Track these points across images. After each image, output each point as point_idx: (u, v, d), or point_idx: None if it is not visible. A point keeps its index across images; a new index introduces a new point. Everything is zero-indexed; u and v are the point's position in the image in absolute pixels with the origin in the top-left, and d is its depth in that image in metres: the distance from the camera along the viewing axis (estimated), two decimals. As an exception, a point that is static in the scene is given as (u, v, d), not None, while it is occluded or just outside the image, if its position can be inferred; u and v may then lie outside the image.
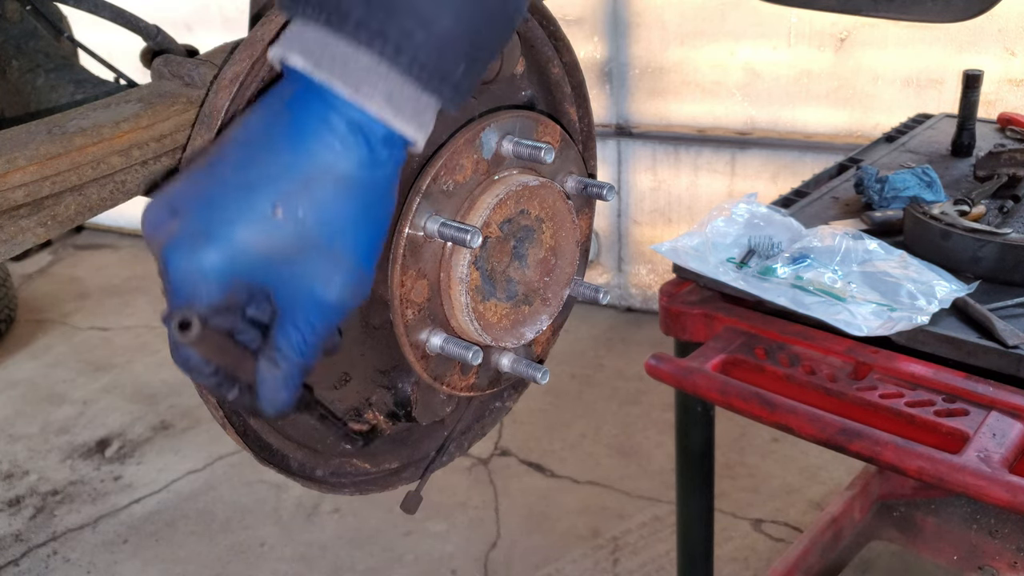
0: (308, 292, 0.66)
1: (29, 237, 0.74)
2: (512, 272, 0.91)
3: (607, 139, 4.16)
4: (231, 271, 0.63)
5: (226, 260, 0.63)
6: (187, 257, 0.63)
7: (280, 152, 0.63)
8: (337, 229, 0.64)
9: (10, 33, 1.06)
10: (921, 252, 1.73)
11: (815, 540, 2.17)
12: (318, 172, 0.63)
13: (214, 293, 0.64)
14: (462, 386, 0.94)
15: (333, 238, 0.64)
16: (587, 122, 1.04)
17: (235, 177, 0.63)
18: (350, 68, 0.62)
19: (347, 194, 0.64)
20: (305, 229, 0.63)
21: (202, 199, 0.64)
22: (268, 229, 0.63)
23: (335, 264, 0.65)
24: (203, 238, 0.63)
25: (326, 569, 3.03)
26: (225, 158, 0.65)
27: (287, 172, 0.63)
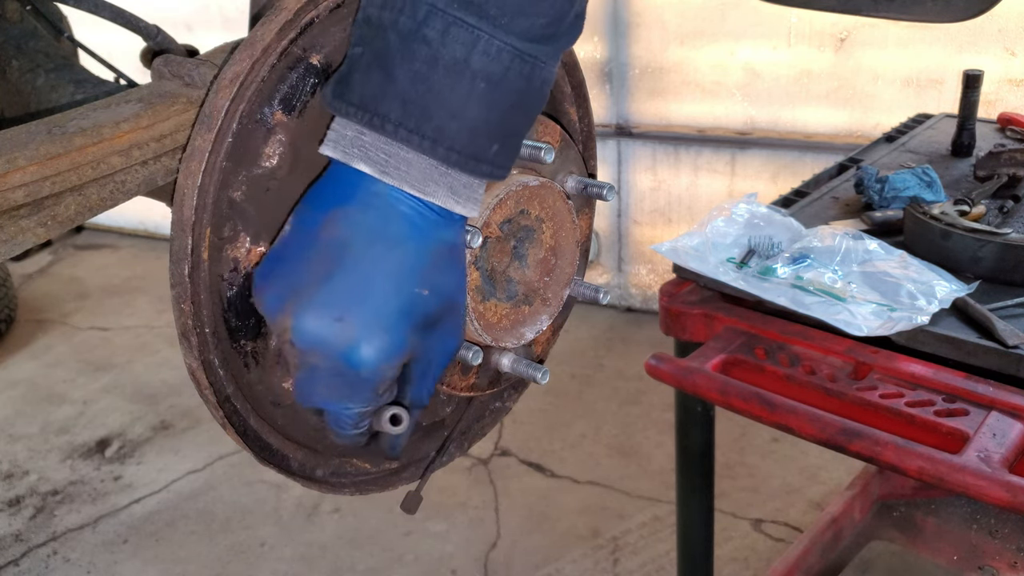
0: (445, 348, 0.81)
1: (29, 237, 0.74)
2: (512, 272, 0.91)
3: (607, 139, 4.16)
4: (403, 348, 0.75)
5: (400, 342, 0.75)
6: (377, 350, 0.74)
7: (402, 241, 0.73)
8: (457, 288, 0.79)
9: (10, 33, 1.06)
10: (921, 252, 1.73)
11: (815, 540, 2.17)
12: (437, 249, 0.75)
13: (394, 371, 0.77)
14: (462, 386, 0.94)
15: (456, 297, 0.79)
16: (587, 122, 1.04)
17: (379, 272, 0.73)
18: (412, 171, 0.71)
19: (455, 260, 0.77)
20: (443, 295, 0.76)
21: (365, 298, 0.73)
22: (425, 304, 0.75)
23: (455, 319, 0.80)
24: (381, 332, 0.74)
25: (326, 569, 3.03)
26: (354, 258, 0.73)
27: (418, 257, 0.74)
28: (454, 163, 0.71)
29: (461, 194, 0.74)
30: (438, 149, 0.70)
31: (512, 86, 0.71)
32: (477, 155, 0.72)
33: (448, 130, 0.70)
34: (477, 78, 0.69)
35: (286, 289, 0.75)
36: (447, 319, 0.78)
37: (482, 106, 0.70)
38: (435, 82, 0.69)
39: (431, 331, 0.77)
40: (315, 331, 0.73)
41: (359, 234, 0.73)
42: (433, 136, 0.70)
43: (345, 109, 0.71)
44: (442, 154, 0.71)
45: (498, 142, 0.73)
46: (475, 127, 0.71)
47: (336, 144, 0.73)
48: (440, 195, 0.73)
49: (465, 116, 0.70)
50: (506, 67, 0.70)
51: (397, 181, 0.71)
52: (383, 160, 0.71)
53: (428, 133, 0.70)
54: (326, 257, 0.74)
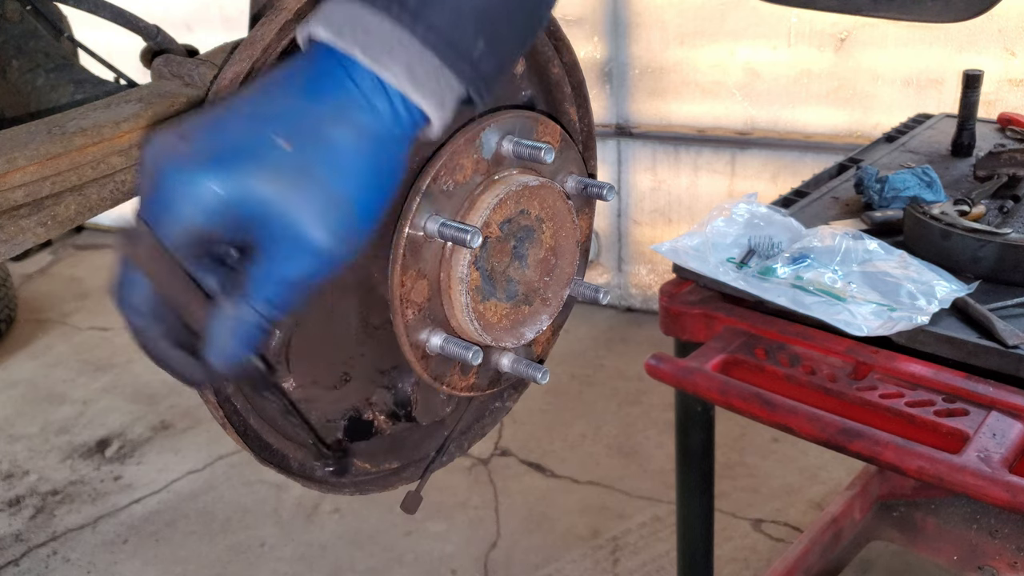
0: (297, 228, 0.62)
1: (29, 237, 0.74)
2: (512, 272, 0.91)
3: (607, 139, 4.16)
4: (225, 196, 0.61)
5: (224, 183, 0.61)
6: (186, 174, 0.61)
7: (297, 95, 0.63)
8: (342, 172, 0.63)
9: (10, 33, 1.06)
10: (921, 252, 1.73)
11: (815, 540, 2.17)
12: (333, 115, 0.63)
13: (198, 216, 0.62)
14: (462, 386, 0.94)
15: (336, 179, 0.63)
16: (587, 122, 1.04)
17: (250, 110, 0.63)
18: (372, 38, 0.62)
19: (359, 142, 0.63)
20: (309, 166, 0.62)
21: (213, 126, 0.63)
22: (272, 160, 0.62)
23: (332, 204, 0.63)
24: (207, 158, 0.61)
25: (326, 569, 3.03)
26: (242, 97, 0.65)
27: (302, 111, 0.63)
28: (432, 44, 0.63)
29: (422, 81, 0.63)
30: (417, 25, 0.62)
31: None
32: (458, 45, 0.63)
33: (432, 7, 0.62)
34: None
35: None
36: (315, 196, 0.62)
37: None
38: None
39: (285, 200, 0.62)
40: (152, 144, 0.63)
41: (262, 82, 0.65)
42: (414, 8, 0.62)
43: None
44: (420, 32, 0.62)
45: (485, 40, 0.64)
46: (462, 11, 0.63)
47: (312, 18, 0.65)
48: (396, 72, 0.63)
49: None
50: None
51: (348, 46, 0.62)
52: (339, 23, 0.63)
53: (409, 4, 0.62)
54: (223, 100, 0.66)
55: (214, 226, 0.62)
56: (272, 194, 0.62)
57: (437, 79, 0.64)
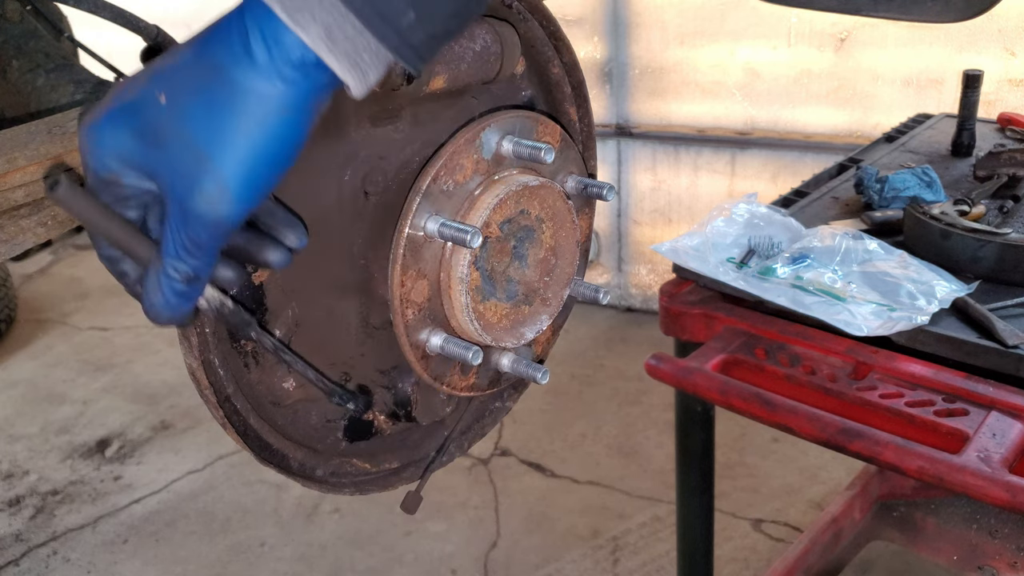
0: (173, 187, 0.65)
1: (29, 237, 0.74)
2: (512, 272, 0.91)
3: (607, 139, 4.16)
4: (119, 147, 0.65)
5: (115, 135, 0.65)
6: (87, 125, 0.66)
7: (186, 51, 0.64)
8: (213, 132, 0.63)
9: (10, 33, 1.06)
10: (921, 252, 1.73)
11: (815, 540, 2.17)
12: (210, 72, 0.62)
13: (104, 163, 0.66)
14: (462, 386, 0.94)
15: (207, 140, 0.63)
16: (587, 122, 1.04)
17: (158, 67, 0.65)
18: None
19: (232, 102, 0.62)
20: (184, 123, 0.63)
21: (125, 85, 0.66)
22: (153, 115, 0.64)
23: (202, 167, 0.63)
24: (103, 112, 0.65)
25: (326, 569, 3.03)
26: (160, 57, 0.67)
27: (183, 66, 0.64)
28: (355, 8, 0.60)
29: (339, 44, 0.61)
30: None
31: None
32: (385, 12, 0.61)
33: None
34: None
35: None
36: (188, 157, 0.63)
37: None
38: None
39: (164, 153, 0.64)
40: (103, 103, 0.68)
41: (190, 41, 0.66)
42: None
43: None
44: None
45: (415, 10, 0.62)
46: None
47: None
48: (311, 31, 0.60)
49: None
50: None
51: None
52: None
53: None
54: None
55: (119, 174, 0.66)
56: (156, 152, 0.64)
57: (356, 44, 0.61)
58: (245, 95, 0.62)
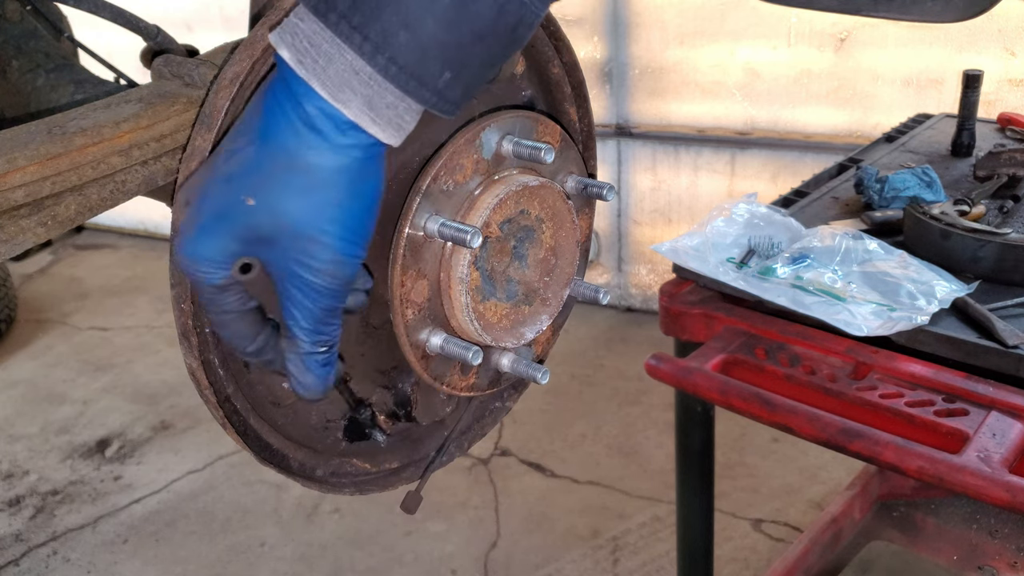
0: (291, 272, 0.69)
1: (29, 237, 0.74)
2: (512, 272, 0.91)
3: (607, 139, 4.16)
4: (220, 252, 0.69)
5: (212, 245, 0.68)
6: (186, 248, 0.69)
7: (253, 143, 0.67)
8: (307, 215, 0.67)
9: (10, 33, 1.06)
10: (921, 252, 1.73)
11: (815, 540, 2.17)
12: (285, 161, 0.66)
13: (210, 272, 0.69)
14: (462, 386, 0.94)
15: (304, 224, 0.67)
16: (587, 122, 1.04)
17: (223, 169, 0.68)
18: (332, 69, 0.63)
19: (312, 182, 0.66)
20: (277, 215, 0.67)
21: (199, 190, 0.69)
22: (244, 216, 0.67)
23: (310, 249, 0.68)
24: (196, 228, 0.69)
25: (326, 569, 3.03)
26: (220, 150, 0.70)
27: (258, 163, 0.67)
28: (393, 77, 0.63)
29: (381, 113, 0.64)
30: (378, 57, 0.62)
31: (481, 12, 0.62)
32: (422, 77, 0.63)
33: (394, 39, 0.62)
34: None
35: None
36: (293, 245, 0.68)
37: (441, 24, 0.62)
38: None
39: (271, 247, 0.69)
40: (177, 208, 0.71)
41: (237, 126, 0.69)
42: (376, 41, 0.62)
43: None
44: (382, 64, 0.62)
45: (452, 71, 0.64)
46: (427, 45, 0.62)
47: (280, 29, 0.66)
48: (353, 105, 0.64)
49: (418, 29, 0.62)
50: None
51: (308, 75, 0.63)
52: (304, 49, 0.64)
53: (372, 36, 0.62)
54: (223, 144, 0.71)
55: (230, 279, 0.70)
56: (263, 246, 0.69)
57: (397, 109, 0.65)
58: (326, 173, 0.66)
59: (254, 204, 0.66)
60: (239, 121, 0.70)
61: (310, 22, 0.63)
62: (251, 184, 0.67)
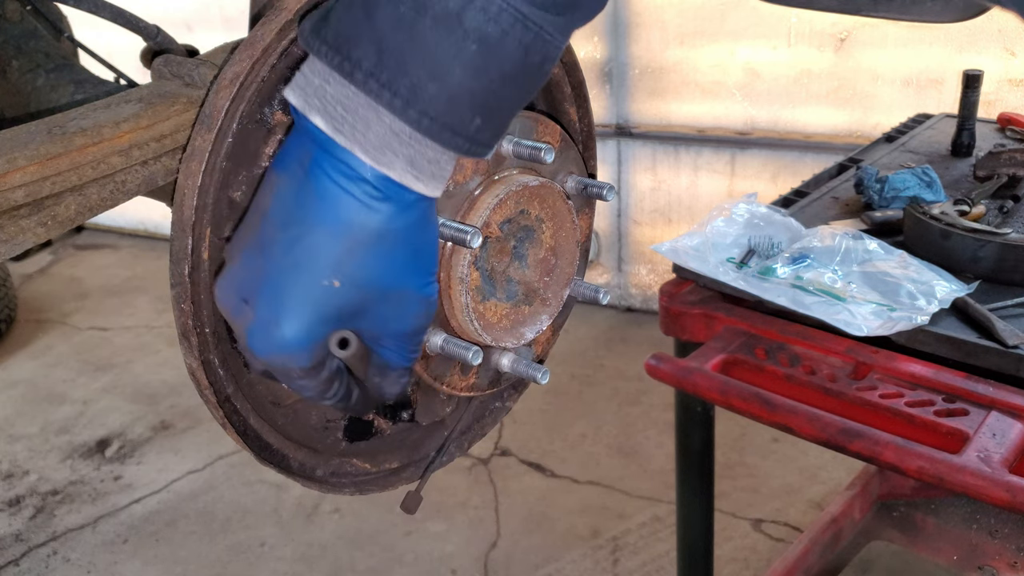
0: (387, 332, 0.73)
1: (29, 237, 0.74)
2: (512, 272, 0.91)
3: (607, 139, 4.16)
4: (313, 341, 0.69)
5: (304, 336, 0.68)
6: (273, 341, 0.68)
7: (316, 225, 0.66)
8: (390, 278, 0.69)
9: (10, 33, 1.06)
10: (921, 252, 1.73)
11: (815, 540, 2.17)
12: (356, 236, 0.66)
13: (304, 362, 0.70)
14: (462, 386, 0.94)
15: (390, 286, 0.69)
16: (587, 122, 1.04)
17: (287, 259, 0.67)
18: (371, 134, 0.63)
19: (387, 247, 0.67)
20: (363, 286, 0.68)
21: (265, 285, 0.68)
22: (333, 298, 0.68)
23: (399, 304, 0.71)
24: (278, 323, 0.68)
25: (326, 569, 3.03)
26: (270, 237, 0.68)
27: (331, 245, 0.66)
28: (425, 130, 0.63)
29: (423, 169, 0.65)
30: (410, 111, 0.62)
31: (508, 55, 0.62)
32: (454, 126, 0.63)
33: (425, 91, 0.61)
34: (469, 37, 0.60)
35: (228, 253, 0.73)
36: (382, 307, 0.70)
37: (469, 71, 0.61)
38: (420, 32, 0.60)
39: (362, 317, 0.70)
40: (226, 307, 0.70)
41: (281, 208, 0.67)
42: (406, 95, 0.61)
43: (318, 47, 0.63)
44: (414, 118, 0.62)
45: (481, 115, 0.64)
46: (457, 93, 0.62)
47: (301, 90, 0.65)
48: (397, 167, 0.64)
49: (447, 79, 0.61)
50: (504, 31, 0.61)
51: (349, 142, 0.63)
52: (340, 116, 0.63)
53: (401, 91, 0.61)
54: (252, 229, 0.69)
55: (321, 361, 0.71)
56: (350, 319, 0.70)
57: (438, 162, 0.66)
58: (398, 234, 0.67)
59: (340, 285, 0.67)
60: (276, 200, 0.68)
61: (337, 84, 0.63)
62: (331, 267, 0.66)
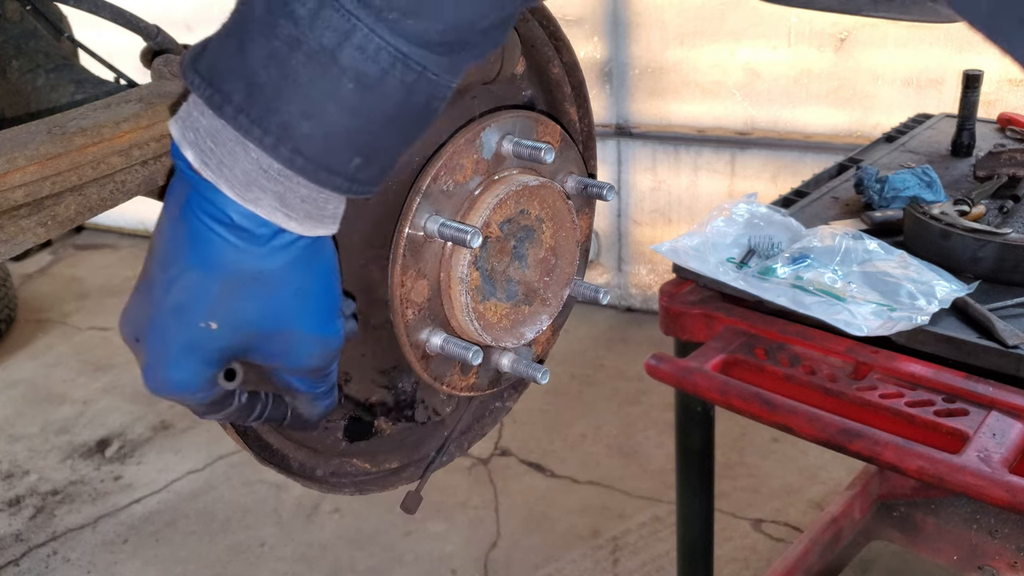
0: (282, 369, 0.71)
1: (29, 237, 0.74)
2: (512, 272, 0.91)
3: (607, 139, 4.16)
4: (198, 382, 0.66)
5: (189, 379, 0.66)
6: (161, 383, 0.66)
7: (189, 267, 0.63)
8: (271, 320, 0.66)
9: (10, 33, 1.06)
10: (921, 252, 1.73)
11: (815, 540, 2.17)
12: (228, 278, 0.63)
13: (200, 399, 0.68)
14: (462, 386, 0.94)
15: (272, 328, 0.66)
16: (587, 122, 1.04)
17: (166, 301, 0.65)
18: (238, 168, 0.60)
19: (262, 289, 0.64)
20: (242, 328, 0.65)
21: (150, 326, 0.66)
22: (214, 340, 0.65)
23: (288, 344, 0.68)
24: (163, 365, 0.66)
25: (326, 569, 3.03)
26: (154, 279, 0.66)
27: (204, 287, 0.63)
28: (299, 169, 0.60)
29: (295, 207, 0.61)
30: (281, 149, 0.59)
31: (388, 94, 0.59)
32: (331, 166, 0.60)
33: (296, 130, 0.59)
34: (345, 76, 0.58)
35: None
36: (270, 346, 0.67)
37: (345, 110, 0.59)
38: (292, 69, 0.57)
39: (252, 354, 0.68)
40: (127, 341, 0.69)
41: (161, 246, 0.65)
42: (277, 133, 0.59)
43: (192, 78, 0.61)
44: (286, 156, 0.59)
45: (361, 156, 0.61)
46: (332, 132, 0.59)
47: (181, 121, 0.62)
48: (264, 203, 0.61)
49: (322, 118, 0.58)
50: (384, 70, 0.58)
51: (215, 177, 0.60)
52: (209, 149, 0.60)
53: (272, 128, 0.58)
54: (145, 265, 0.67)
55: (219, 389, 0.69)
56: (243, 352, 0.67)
57: (315, 200, 0.62)
58: (275, 274, 0.64)
59: (217, 328, 0.64)
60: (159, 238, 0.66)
61: (210, 117, 0.60)
62: (206, 310, 0.64)
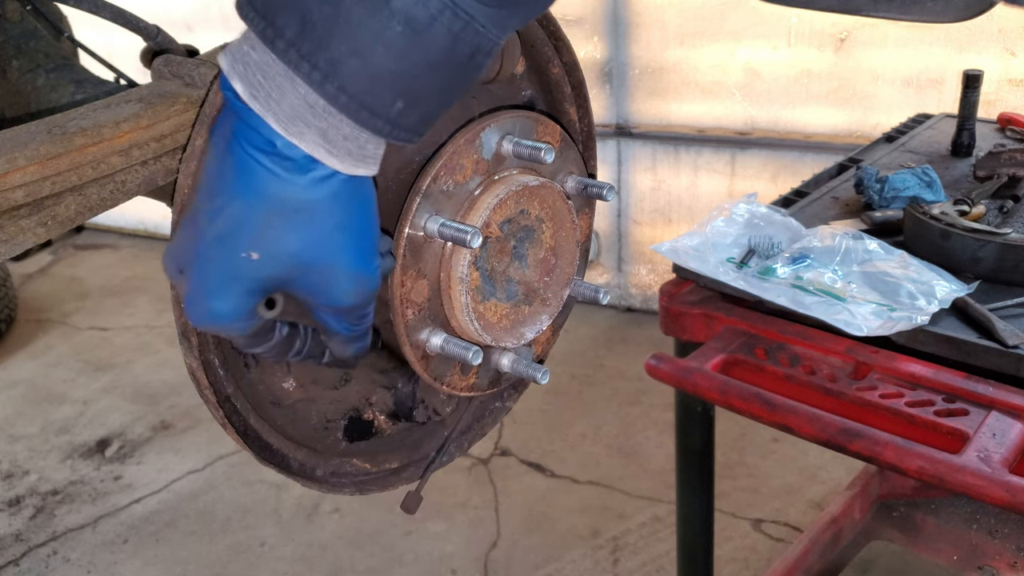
0: (319, 303, 0.71)
1: (29, 237, 0.74)
2: (512, 272, 0.91)
3: (607, 139, 4.16)
4: (240, 312, 0.68)
5: (231, 309, 0.68)
6: (203, 314, 0.68)
7: (235, 197, 0.65)
8: (311, 252, 0.67)
9: (10, 33, 1.06)
10: (921, 252, 1.73)
11: (815, 540, 2.17)
12: (271, 207, 0.64)
13: (240, 331, 0.70)
14: (462, 386, 0.94)
15: (311, 260, 0.67)
16: (587, 122, 1.04)
17: (211, 230, 0.66)
18: (285, 103, 0.61)
19: (304, 220, 0.65)
20: (282, 259, 0.67)
21: (194, 257, 0.67)
22: (254, 271, 0.67)
23: (326, 279, 0.69)
24: (206, 295, 0.67)
25: (326, 569, 3.03)
26: (200, 209, 0.67)
27: (248, 216, 0.65)
28: (342, 106, 0.61)
29: (338, 144, 0.63)
30: (327, 86, 0.60)
31: (435, 41, 0.60)
32: (373, 106, 0.62)
33: (345, 67, 0.60)
34: (395, 18, 0.59)
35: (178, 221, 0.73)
36: (309, 279, 0.69)
37: (391, 52, 0.60)
38: (346, 7, 0.59)
39: (291, 287, 0.69)
40: (169, 275, 0.71)
41: (208, 178, 0.67)
42: (326, 69, 0.60)
43: (247, 12, 0.62)
44: (331, 92, 0.61)
45: (404, 100, 0.62)
46: (378, 74, 0.60)
47: (231, 55, 0.64)
48: (308, 139, 0.62)
49: (369, 57, 0.60)
50: (432, 16, 0.59)
51: (263, 109, 0.62)
52: (258, 83, 0.62)
53: (320, 64, 0.60)
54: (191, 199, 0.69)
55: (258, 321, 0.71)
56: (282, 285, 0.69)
57: (357, 139, 0.64)
58: (317, 205, 0.65)
59: (258, 258, 0.66)
60: (206, 170, 0.67)
61: (261, 51, 0.61)
62: (248, 239, 0.65)
